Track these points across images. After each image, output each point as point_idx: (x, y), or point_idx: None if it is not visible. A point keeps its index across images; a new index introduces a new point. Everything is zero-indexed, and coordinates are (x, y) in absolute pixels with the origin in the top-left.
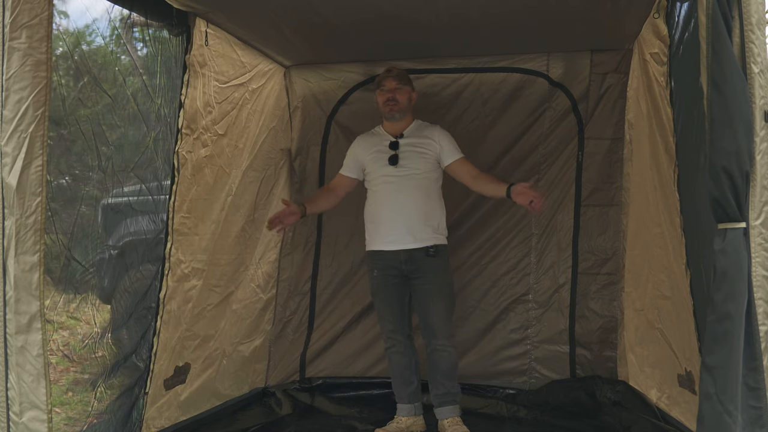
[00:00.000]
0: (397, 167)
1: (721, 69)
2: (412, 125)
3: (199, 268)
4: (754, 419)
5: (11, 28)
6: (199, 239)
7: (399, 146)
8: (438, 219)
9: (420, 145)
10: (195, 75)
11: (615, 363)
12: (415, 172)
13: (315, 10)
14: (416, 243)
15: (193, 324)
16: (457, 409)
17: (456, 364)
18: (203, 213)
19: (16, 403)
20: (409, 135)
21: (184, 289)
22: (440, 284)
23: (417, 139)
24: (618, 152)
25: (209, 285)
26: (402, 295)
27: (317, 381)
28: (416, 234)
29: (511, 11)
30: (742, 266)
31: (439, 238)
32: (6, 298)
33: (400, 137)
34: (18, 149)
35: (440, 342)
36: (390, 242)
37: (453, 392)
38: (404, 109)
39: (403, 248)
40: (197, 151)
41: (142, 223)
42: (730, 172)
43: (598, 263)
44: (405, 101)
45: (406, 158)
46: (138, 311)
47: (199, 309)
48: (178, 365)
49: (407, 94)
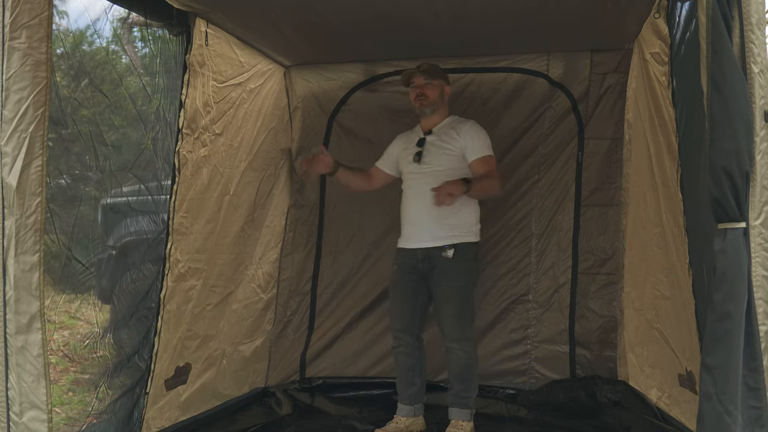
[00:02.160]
0: (420, 164)
1: (721, 69)
2: (446, 121)
3: (197, 267)
4: (754, 419)
5: (11, 28)
6: (194, 238)
7: (425, 143)
8: (459, 217)
9: (445, 141)
10: (195, 75)
11: (615, 363)
12: (436, 169)
13: (315, 10)
14: (433, 242)
15: (194, 324)
16: (464, 413)
17: (468, 367)
18: (198, 212)
19: (16, 403)
20: (438, 131)
21: (184, 289)
22: (452, 287)
23: (444, 135)
24: (618, 152)
25: (208, 285)
26: (416, 295)
27: (317, 381)
28: (433, 233)
29: (511, 11)
30: (742, 266)
31: (462, 236)
32: (6, 298)
33: (428, 134)
34: (18, 149)
35: (450, 343)
36: (409, 240)
37: (462, 395)
38: (434, 104)
39: (420, 246)
40: (197, 150)
41: (142, 223)
42: (730, 172)
43: (597, 263)
44: (435, 96)
45: (429, 155)
46: (139, 311)
47: (200, 309)
48: (179, 365)
49: (438, 88)
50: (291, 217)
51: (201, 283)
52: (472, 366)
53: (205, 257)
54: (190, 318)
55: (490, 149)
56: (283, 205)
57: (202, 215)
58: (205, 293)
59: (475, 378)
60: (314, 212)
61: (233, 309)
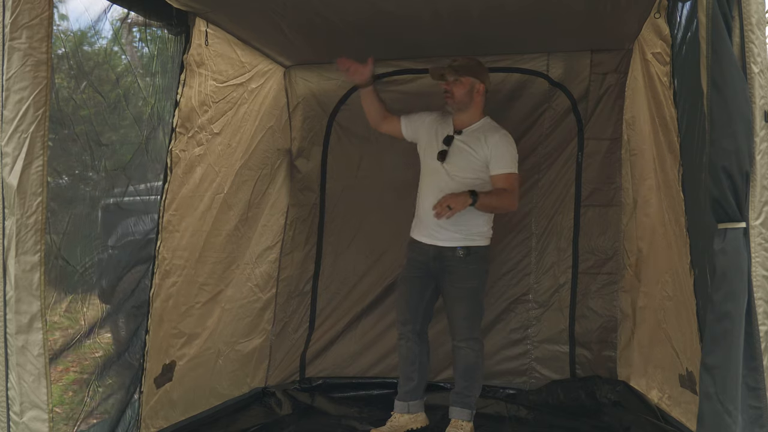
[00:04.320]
0: (444, 163)
1: (721, 69)
2: (479, 123)
3: (180, 264)
4: (754, 419)
5: (11, 28)
6: (180, 236)
7: (453, 142)
8: (476, 221)
9: (472, 146)
10: (192, 74)
11: (615, 363)
12: (457, 173)
13: (315, 10)
14: (447, 242)
15: (179, 322)
16: (465, 413)
17: (474, 366)
18: (186, 210)
19: (16, 402)
20: (468, 133)
21: (166, 286)
22: (464, 288)
23: (473, 139)
24: (617, 152)
25: (197, 283)
26: (423, 291)
27: (317, 381)
28: (447, 233)
29: (511, 11)
30: (741, 266)
31: (473, 239)
32: (6, 298)
33: (458, 133)
34: (18, 149)
35: (458, 342)
36: (425, 235)
37: (465, 393)
38: (461, 103)
39: (434, 244)
40: (191, 149)
41: (137, 222)
42: (730, 171)
43: (598, 263)
44: (461, 94)
45: (454, 156)
46: (128, 309)
47: (186, 307)
48: (165, 363)
49: (466, 86)
50: (291, 216)
51: (183, 280)
52: (478, 366)
53: (189, 254)
54: (176, 315)
55: (515, 166)
56: (282, 204)
57: (191, 213)
58: (194, 291)
59: (479, 378)
60: (315, 212)
61: (226, 308)
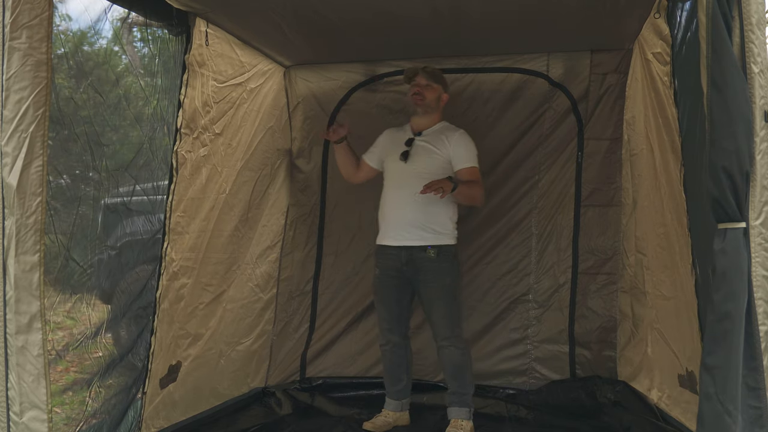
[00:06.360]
0: (407, 164)
1: (721, 69)
2: (437, 126)
3: (188, 266)
4: (754, 419)
5: (11, 28)
6: (188, 237)
7: (413, 144)
8: (443, 220)
9: (434, 145)
10: (194, 75)
11: (615, 363)
12: (423, 171)
13: (315, 10)
14: (417, 241)
15: (186, 322)
16: (463, 412)
17: (461, 364)
18: (195, 212)
19: (16, 403)
20: (428, 134)
21: (176, 287)
22: (440, 286)
23: (434, 139)
24: (617, 152)
25: (201, 283)
26: (400, 297)
27: (317, 381)
28: (417, 233)
29: (511, 11)
30: (741, 266)
31: (441, 238)
32: (6, 298)
33: (418, 135)
34: (18, 149)
35: (441, 342)
36: (392, 237)
37: (459, 391)
38: (429, 106)
39: (404, 245)
40: (196, 150)
41: (140, 222)
42: (730, 172)
43: (598, 263)
44: (432, 99)
45: (417, 156)
46: (134, 311)
47: (192, 308)
48: (172, 364)
49: (437, 93)
50: (291, 216)
51: (192, 281)
52: (465, 363)
53: (197, 256)
54: (183, 316)
55: (476, 161)
56: (282, 204)
57: (198, 215)
58: (198, 291)
59: (469, 375)
60: (315, 212)
61: (228, 308)
